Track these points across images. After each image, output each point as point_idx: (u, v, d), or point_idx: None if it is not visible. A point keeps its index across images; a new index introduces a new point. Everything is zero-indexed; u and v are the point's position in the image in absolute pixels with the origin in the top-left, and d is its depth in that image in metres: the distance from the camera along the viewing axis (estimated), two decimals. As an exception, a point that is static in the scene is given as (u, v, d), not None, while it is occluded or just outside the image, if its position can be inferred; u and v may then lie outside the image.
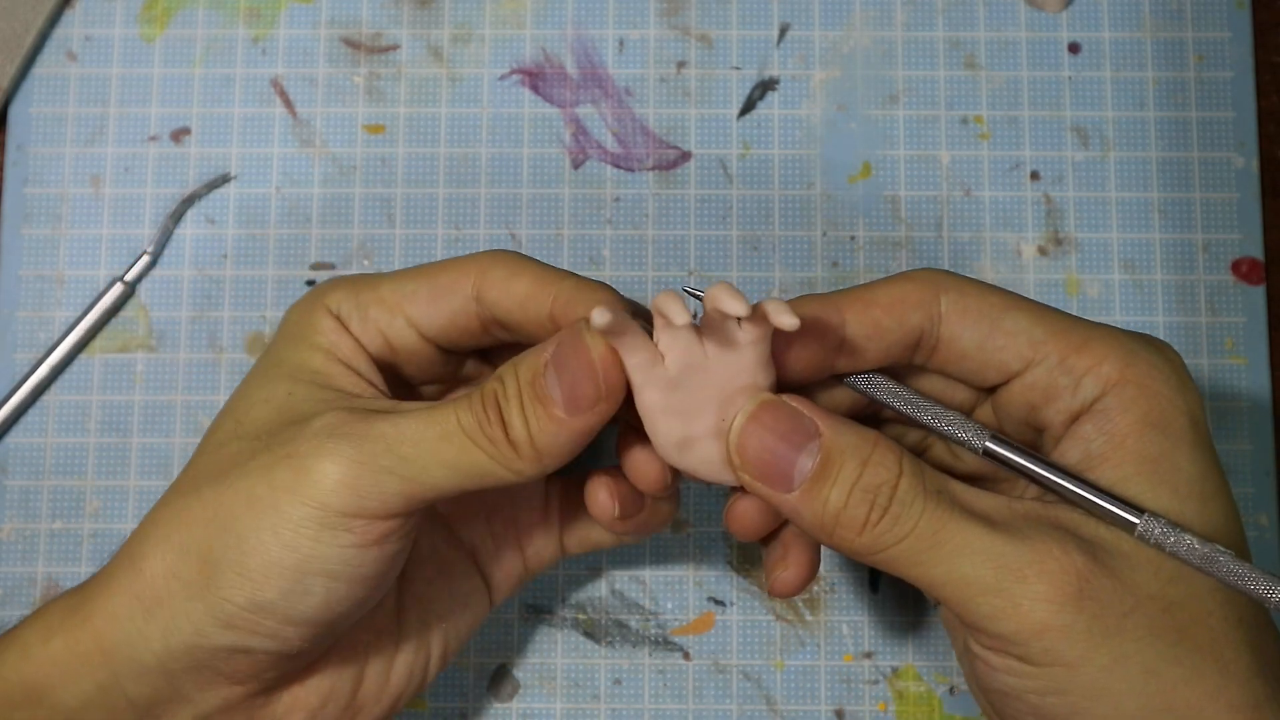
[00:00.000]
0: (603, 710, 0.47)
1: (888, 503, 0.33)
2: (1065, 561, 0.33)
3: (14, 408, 0.48)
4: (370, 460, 0.34)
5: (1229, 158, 0.50)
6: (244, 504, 0.34)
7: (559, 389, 0.34)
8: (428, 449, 0.34)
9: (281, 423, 0.36)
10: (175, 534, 0.35)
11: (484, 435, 0.35)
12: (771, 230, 0.50)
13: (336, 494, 0.34)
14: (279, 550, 0.34)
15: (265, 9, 0.51)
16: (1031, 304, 0.36)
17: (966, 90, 0.50)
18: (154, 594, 0.35)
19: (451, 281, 0.38)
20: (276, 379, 0.37)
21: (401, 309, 0.38)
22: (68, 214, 0.50)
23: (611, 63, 0.51)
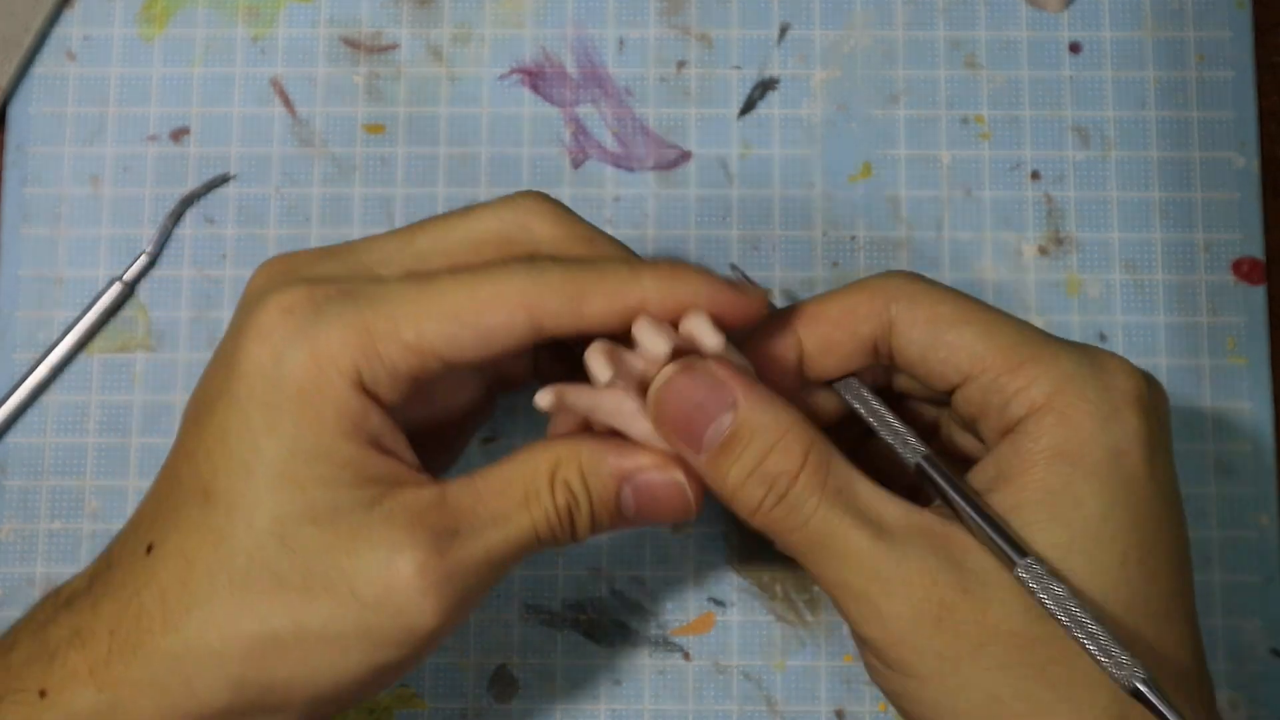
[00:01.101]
0: (603, 710, 0.47)
1: (784, 492, 0.34)
2: (930, 586, 0.33)
3: (13, 408, 0.48)
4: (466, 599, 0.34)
5: (1230, 157, 0.50)
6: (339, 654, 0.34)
7: (634, 505, 0.36)
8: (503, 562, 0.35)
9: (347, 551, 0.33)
10: (251, 672, 0.33)
11: (555, 539, 0.36)
12: (771, 230, 0.50)
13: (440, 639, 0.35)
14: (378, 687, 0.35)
15: (265, 8, 0.51)
16: (984, 315, 0.36)
17: (967, 90, 0.50)
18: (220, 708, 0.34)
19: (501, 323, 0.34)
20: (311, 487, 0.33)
21: (438, 355, 0.34)
22: (67, 214, 0.50)
23: (611, 62, 0.51)
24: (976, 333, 0.35)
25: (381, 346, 0.33)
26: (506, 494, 0.35)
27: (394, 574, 0.33)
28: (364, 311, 0.33)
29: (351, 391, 0.33)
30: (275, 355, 0.33)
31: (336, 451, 0.33)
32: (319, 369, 0.33)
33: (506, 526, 0.35)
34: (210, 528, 0.33)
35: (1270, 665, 0.47)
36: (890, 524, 0.34)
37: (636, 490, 0.36)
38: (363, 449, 0.33)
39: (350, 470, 0.33)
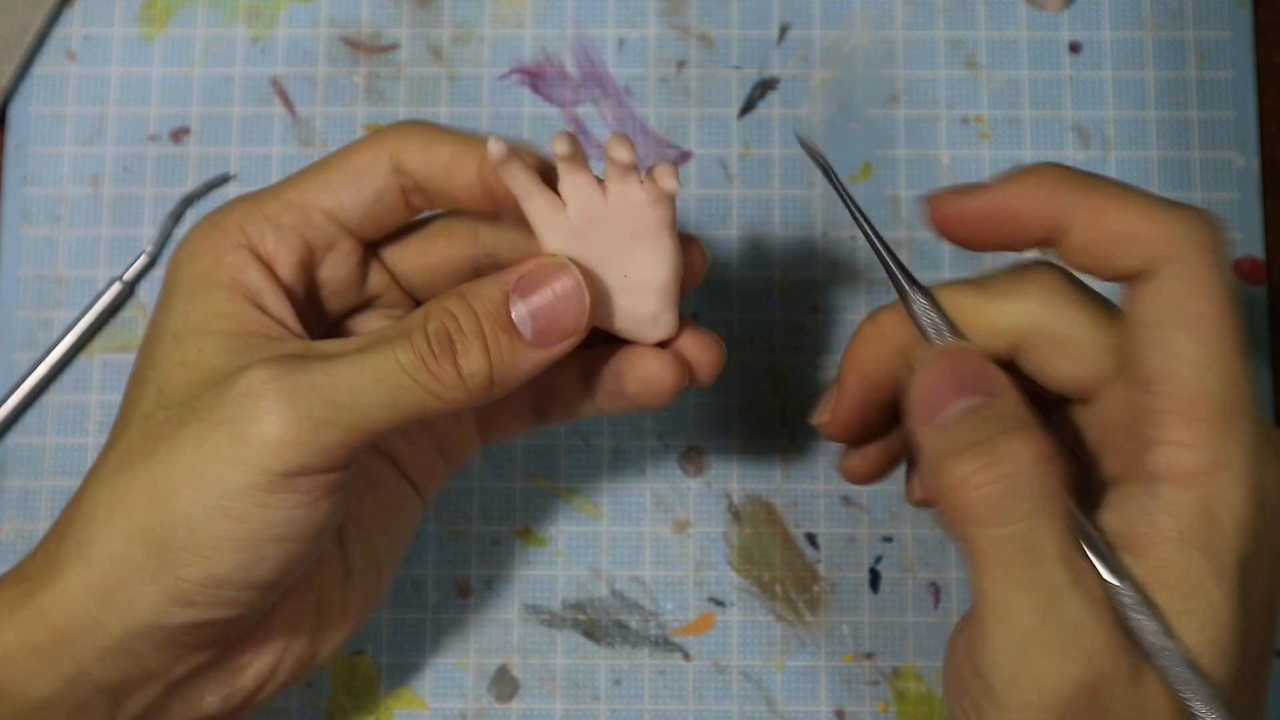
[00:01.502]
0: (603, 710, 0.47)
1: (1014, 481, 0.31)
2: (1091, 661, 0.30)
3: (13, 408, 0.48)
4: (306, 415, 0.33)
5: (1229, 157, 0.50)
6: (182, 479, 0.33)
7: (529, 320, 0.34)
8: (365, 394, 0.33)
9: (203, 384, 0.34)
10: (116, 516, 0.34)
11: (428, 373, 0.33)
12: (771, 230, 0.50)
13: (277, 456, 0.33)
14: (227, 523, 0.33)
15: (265, 8, 0.51)
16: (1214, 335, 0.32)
17: (967, 90, 0.50)
18: (106, 582, 0.34)
19: (366, 162, 0.36)
20: (185, 335, 0.35)
21: (317, 203, 0.36)
22: (67, 214, 0.50)
23: (611, 62, 0.51)
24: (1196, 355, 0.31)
25: (264, 205, 0.36)
26: (374, 337, 0.35)
27: (230, 386, 0.33)
28: (256, 191, 0.37)
29: (234, 250, 0.36)
30: (182, 242, 0.37)
31: (212, 302, 0.35)
32: (208, 235, 0.36)
33: (363, 354, 0.33)
34: (125, 401, 0.36)
35: (1270, 665, 0.47)
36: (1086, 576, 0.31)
37: (523, 287, 0.34)
38: (238, 302, 0.35)
39: (222, 320, 0.35)
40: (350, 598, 0.39)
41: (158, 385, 0.35)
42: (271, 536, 0.34)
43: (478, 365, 0.34)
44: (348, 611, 0.39)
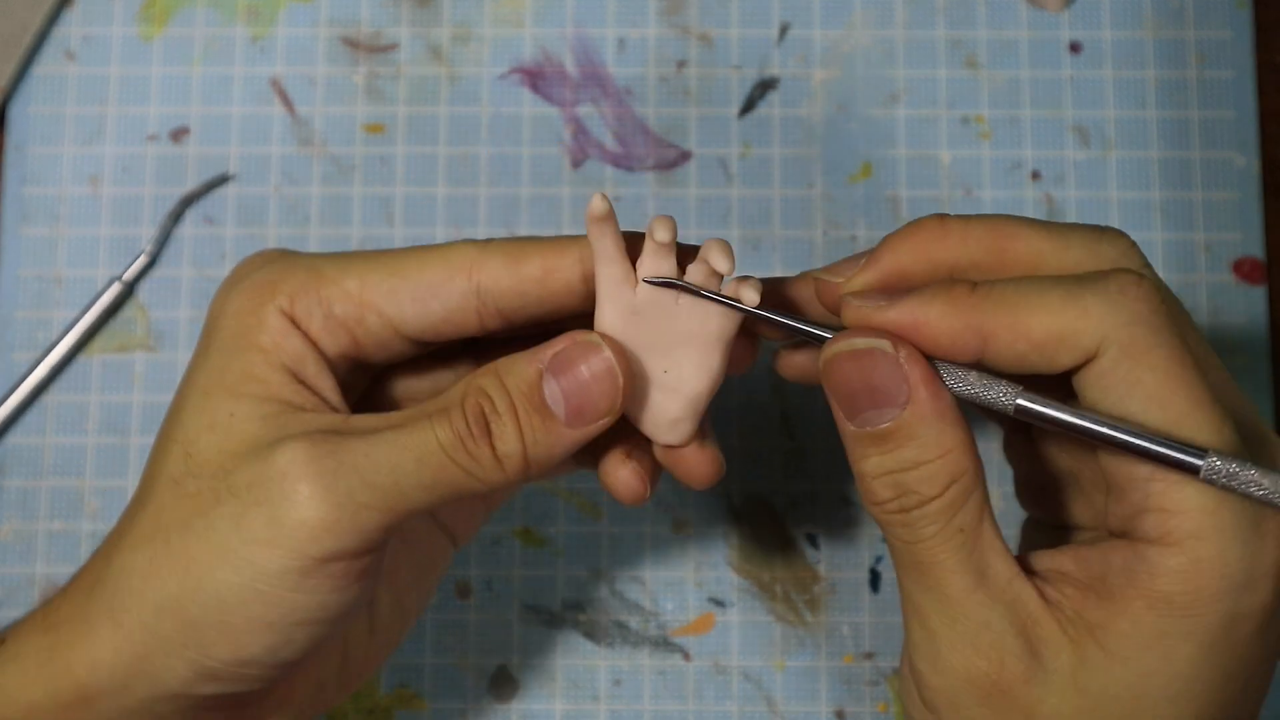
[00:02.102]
0: (603, 710, 0.47)
1: (909, 507, 0.32)
2: (994, 663, 0.32)
3: (13, 408, 0.48)
4: (346, 499, 0.32)
5: (1230, 157, 0.50)
6: (216, 559, 0.32)
7: (562, 400, 0.33)
8: (405, 474, 0.33)
9: (236, 455, 0.33)
10: (149, 588, 0.33)
11: (466, 453, 0.33)
12: (771, 230, 0.50)
13: (315, 541, 0.32)
14: (259, 607, 0.33)
15: (264, 8, 0.51)
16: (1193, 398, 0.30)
17: (967, 90, 0.50)
18: (135, 649, 0.33)
19: (440, 279, 0.35)
20: (216, 394, 0.34)
21: (377, 307, 0.35)
22: (66, 214, 0.50)
23: (611, 62, 0.51)
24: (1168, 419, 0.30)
25: (323, 285, 0.35)
26: (413, 413, 0.34)
27: (268, 464, 0.32)
28: (318, 260, 0.35)
29: (278, 316, 0.35)
30: (227, 290, 0.35)
31: (248, 364, 0.34)
32: (256, 294, 0.35)
33: (401, 432, 0.33)
34: (151, 457, 0.35)
35: (1270, 665, 0.47)
36: (992, 580, 0.32)
37: (556, 366, 0.33)
38: (275, 370, 0.34)
39: (256, 384, 0.34)
40: (375, 646, 0.39)
41: (185, 447, 0.34)
42: (302, 620, 0.33)
43: (512, 446, 0.33)
44: (371, 659, 0.39)
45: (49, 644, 0.34)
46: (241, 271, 0.36)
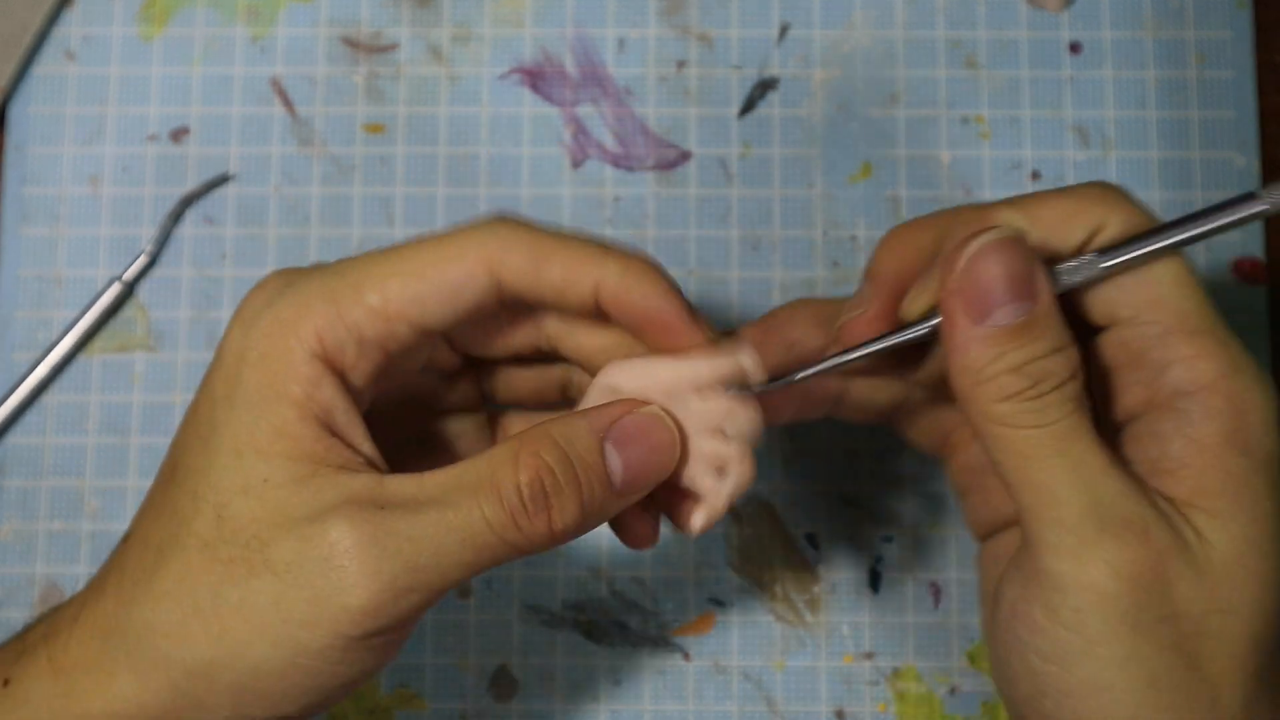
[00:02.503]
0: (603, 710, 0.47)
1: (1047, 390, 0.32)
2: (1149, 543, 0.32)
3: (13, 408, 0.48)
4: (390, 585, 0.32)
5: (1230, 157, 0.50)
6: (255, 635, 0.32)
7: (622, 471, 0.33)
8: (448, 555, 0.32)
9: (274, 526, 0.32)
10: (178, 650, 0.32)
11: (517, 530, 0.32)
12: (771, 230, 0.50)
13: (357, 625, 0.32)
14: (299, 677, 0.32)
15: (264, 8, 0.51)
16: (1177, 262, 0.34)
17: (967, 90, 0.50)
18: (162, 707, 0.33)
19: (463, 279, 0.34)
20: (248, 454, 0.33)
21: (405, 315, 0.34)
22: (66, 214, 0.50)
23: (611, 62, 0.51)
24: (1165, 278, 0.34)
25: (345, 311, 0.33)
26: (455, 484, 0.33)
27: (304, 548, 0.32)
28: (329, 279, 0.34)
29: (307, 360, 0.33)
30: (244, 328, 0.34)
31: (281, 421, 0.33)
32: (280, 335, 0.33)
33: (443, 510, 0.32)
34: (168, 505, 0.34)
35: (1270, 665, 0.47)
36: (1120, 464, 0.33)
37: (619, 439, 0.33)
38: (308, 424, 0.33)
39: (289, 442, 0.33)
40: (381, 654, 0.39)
41: (217, 509, 0.33)
42: (342, 685, 0.33)
43: (571, 519, 0.33)
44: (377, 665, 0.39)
45: (62, 690, 0.33)
46: (257, 304, 0.34)
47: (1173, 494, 0.33)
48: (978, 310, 0.33)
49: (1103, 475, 0.32)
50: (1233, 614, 0.32)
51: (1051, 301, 0.33)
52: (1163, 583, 0.32)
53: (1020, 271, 0.33)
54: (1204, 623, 0.32)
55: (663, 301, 0.34)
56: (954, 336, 0.33)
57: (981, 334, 0.33)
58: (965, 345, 0.33)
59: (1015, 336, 0.33)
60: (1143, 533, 0.32)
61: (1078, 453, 0.33)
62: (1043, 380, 0.32)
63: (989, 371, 0.33)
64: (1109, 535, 0.32)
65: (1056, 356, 0.33)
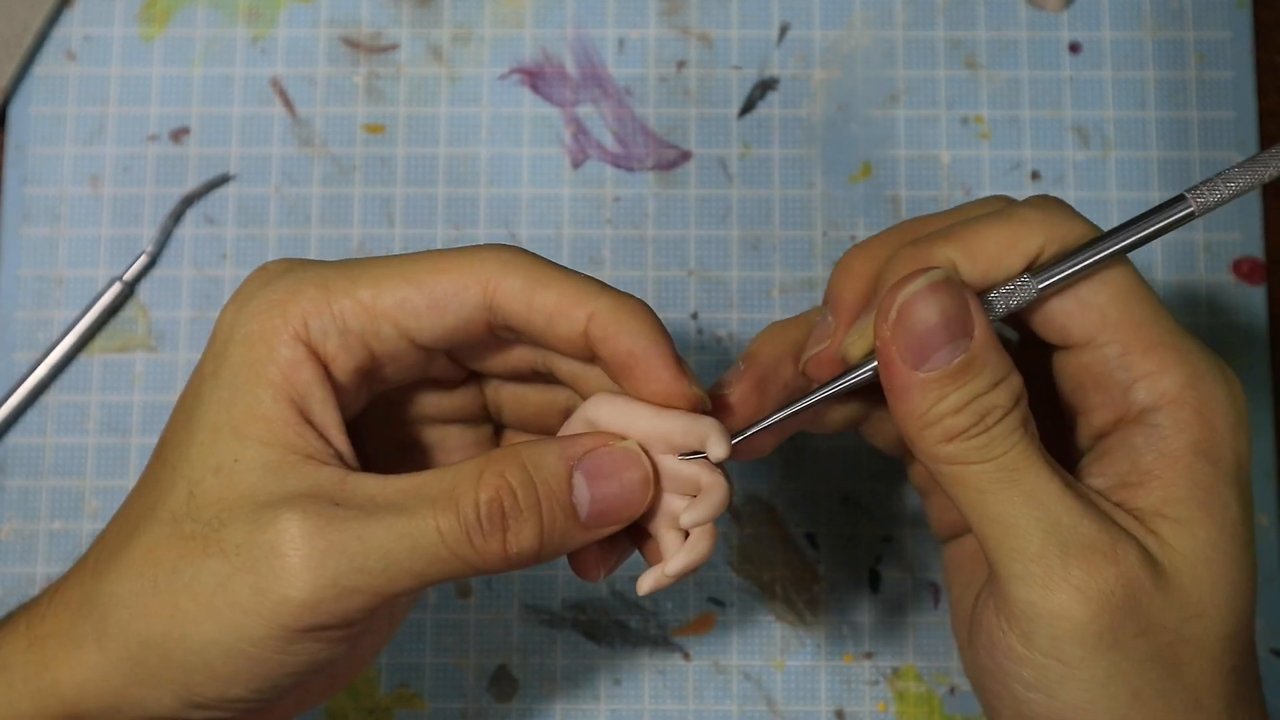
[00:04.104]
0: (603, 710, 0.47)
1: (992, 424, 0.32)
2: (1115, 563, 0.32)
3: (13, 408, 0.48)
4: (332, 582, 0.31)
5: (1229, 157, 0.50)
6: (203, 614, 0.32)
7: (588, 504, 0.33)
8: (396, 562, 0.32)
9: (233, 506, 0.32)
10: (135, 623, 0.33)
11: (470, 547, 0.32)
12: (771, 230, 0.50)
13: (296, 618, 0.32)
14: (245, 662, 0.32)
15: (265, 9, 0.51)
16: (1124, 278, 0.34)
17: (967, 90, 0.50)
18: (122, 678, 0.33)
19: (456, 289, 0.34)
20: (223, 432, 0.33)
21: (392, 317, 0.34)
22: (67, 214, 0.50)
23: (611, 62, 0.51)
24: (1113, 296, 0.34)
25: (334, 299, 0.33)
26: (415, 492, 0.32)
27: (255, 533, 0.32)
28: (327, 270, 0.34)
29: (290, 342, 0.33)
30: (238, 306, 0.34)
31: (257, 403, 0.33)
32: (268, 316, 0.33)
33: (398, 516, 0.32)
34: (150, 478, 0.34)
35: (1270, 665, 0.47)
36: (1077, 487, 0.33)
37: (590, 471, 0.33)
38: (282, 407, 0.33)
39: (264, 425, 0.33)
40: (358, 654, 0.39)
41: (190, 485, 0.33)
42: (289, 673, 0.33)
43: (528, 544, 0.32)
44: (355, 665, 0.39)
45: (36, 659, 0.34)
46: (252, 286, 0.34)
47: (1140, 505, 0.33)
48: (914, 356, 0.32)
49: (1059, 500, 0.32)
50: (1205, 618, 0.32)
51: (988, 335, 0.33)
52: (1134, 600, 0.32)
53: (953, 312, 0.32)
54: (1179, 630, 0.32)
55: (651, 344, 0.33)
56: (893, 383, 0.33)
57: (921, 380, 0.33)
58: (906, 391, 0.33)
59: (955, 378, 0.32)
60: (1107, 553, 0.32)
61: (1030, 481, 0.32)
62: (986, 415, 0.32)
63: (932, 415, 0.33)
64: (1073, 560, 0.32)
65: (998, 389, 0.33)
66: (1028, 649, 0.33)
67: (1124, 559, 0.32)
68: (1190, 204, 0.33)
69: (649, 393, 0.34)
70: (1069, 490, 0.33)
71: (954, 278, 0.33)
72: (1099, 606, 0.32)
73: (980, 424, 0.32)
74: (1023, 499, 0.32)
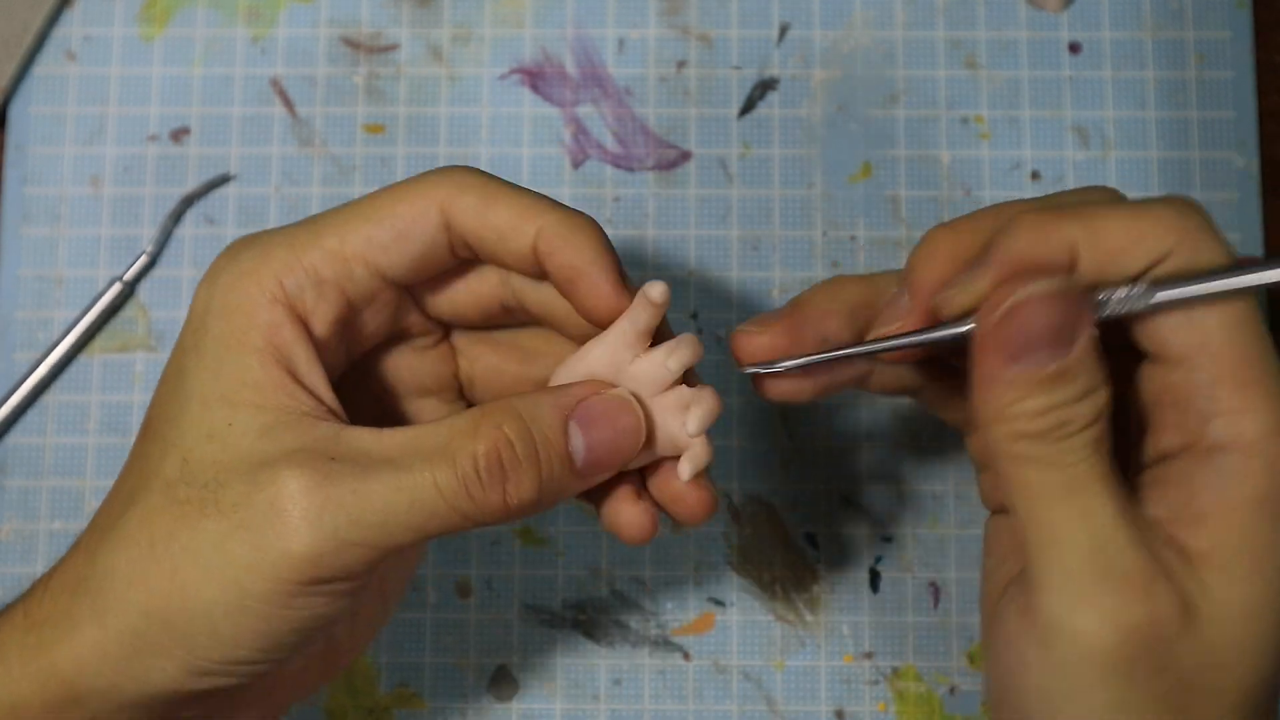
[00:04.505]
0: (603, 710, 0.47)
1: (1071, 434, 0.32)
2: (1148, 600, 0.31)
3: (14, 408, 0.48)
4: (331, 535, 0.32)
5: (1229, 157, 0.50)
6: (203, 576, 0.32)
7: (584, 451, 0.33)
8: (395, 516, 0.32)
9: (229, 468, 0.33)
10: (134, 593, 0.33)
11: (469, 499, 0.32)
12: (771, 230, 0.50)
13: (298, 570, 0.32)
14: (248, 620, 0.32)
15: (265, 8, 0.51)
16: (1238, 305, 0.32)
17: (966, 90, 0.50)
18: (122, 651, 0.33)
19: (415, 215, 0.34)
20: (213, 402, 0.33)
21: (361, 256, 0.34)
22: (67, 214, 0.50)
23: (611, 62, 0.51)
24: (1223, 321, 0.32)
25: (302, 254, 0.34)
26: (412, 445, 0.33)
27: (260, 491, 0.32)
28: (290, 230, 0.35)
29: (268, 305, 0.34)
30: (209, 283, 0.34)
31: (244, 368, 0.33)
32: (242, 286, 0.34)
33: (398, 473, 0.32)
34: (140, 455, 0.35)
35: (1270, 665, 0.47)
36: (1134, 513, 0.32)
37: (584, 419, 0.33)
38: (271, 370, 0.34)
39: (253, 389, 0.33)
40: (358, 630, 0.39)
41: (183, 453, 0.34)
42: (293, 629, 0.33)
43: (528, 494, 0.33)
44: (355, 642, 0.39)
45: (33, 642, 0.34)
46: (220, 263, 0.35)
47: (1190, 545, 0.32)
48: (1010, 352, 0.32)
49: (1112, 524, 0.32)
50: (1229, 669, 0.32)
51: (1089, 348, 0.32)
52: (1159, 639, 0.31)
53: (1062, 324, 0.32)
54: (1198, 677, 0.32)
55: (594, 258, 0.34)
56: (982, 370, 0.33)
57: (1010, 375, 0.32)
58: (991, 382, 0.32)
59: (1045, 384, 0.32)
60: (1144, 588, 0.31)
61: (1089, 499, 0.32)
62: (1065, 424, 0.32)
63: (1011, 412, 0.32)
64: (1108, 587, 0.31)
65: (1083, 402, 0.32)
66: (1042, 659, 0.32)
67: (1158, 595, 0.31)
68: None
69: (591, 307, 0.34)
70: (1123, 516, 0.32)
71: (1072, 291, 0.32)
72: (1122, 636, 0.31)
73: (1056, 431, 0.32)
74: (1077, 514, 0.32)
